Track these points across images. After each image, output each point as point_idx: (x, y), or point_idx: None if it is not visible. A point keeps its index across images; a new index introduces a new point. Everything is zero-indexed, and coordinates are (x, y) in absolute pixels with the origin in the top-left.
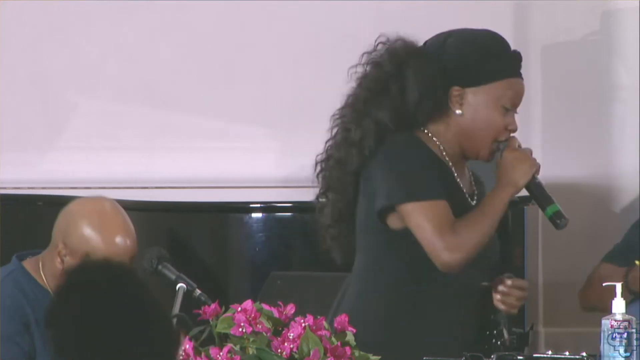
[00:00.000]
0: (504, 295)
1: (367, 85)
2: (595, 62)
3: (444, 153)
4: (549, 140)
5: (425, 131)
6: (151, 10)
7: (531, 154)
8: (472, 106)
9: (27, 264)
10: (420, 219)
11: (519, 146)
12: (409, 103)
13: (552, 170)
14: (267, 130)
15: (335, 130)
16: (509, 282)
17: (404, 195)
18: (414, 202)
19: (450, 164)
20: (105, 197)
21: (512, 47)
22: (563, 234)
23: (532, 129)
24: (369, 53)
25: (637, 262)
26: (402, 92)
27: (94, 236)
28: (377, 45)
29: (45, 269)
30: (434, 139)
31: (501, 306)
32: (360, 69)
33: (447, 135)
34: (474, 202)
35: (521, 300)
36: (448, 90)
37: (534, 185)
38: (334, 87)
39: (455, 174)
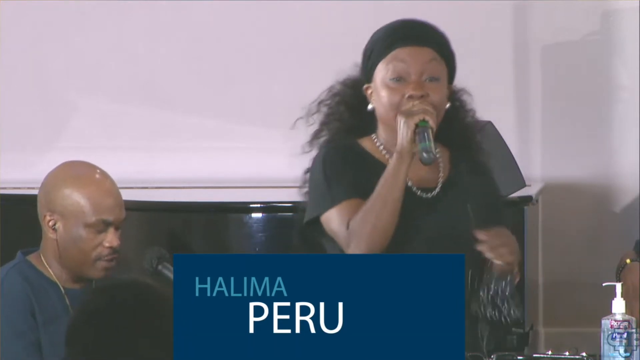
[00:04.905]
0: (490, 247)
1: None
2: (595, 62)
3: (385, 152)
4: (549, 140)
5: (371, 135)
6: (151, 10)
7: (422, 105)
8: (375, 96)
9: (31, 257)
10: (329, 226)
11: (414, 105)
12: (344, 119)
13: (552, 170)
14: (267, 130)
15: None
16: (482, 235)
17: (314, 209)
18: (322, 216)
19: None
20: (78, 160)
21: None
22: (563, 234)
23: (532, 129)
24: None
25: (628, 261)
26: (347, 109)
27: (74, 192)
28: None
29: (47, 257)
30: (376, 140)
31: (498, 261)
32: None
33: (382, 132)
34: (435, 192)
35: (509, 246)
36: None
37: (416, 135)
38: None
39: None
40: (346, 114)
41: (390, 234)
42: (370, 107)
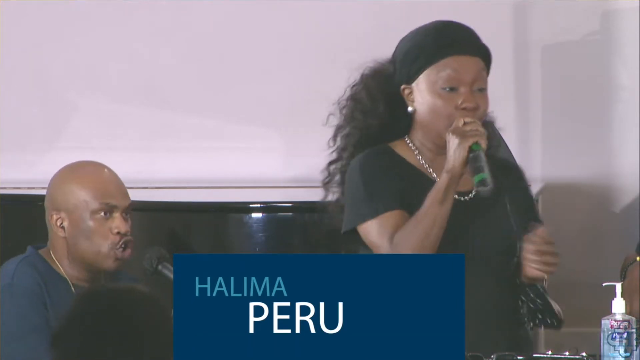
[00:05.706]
0: (536, 255)
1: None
2: (595, 62)
3: (420, 157)
4: (549, 140)
5: (405, 138)
6: (151, 11)
7: (474, 126)
8: (418, 99)
9: (41, 252)
10: (368, 237)
11: (466, 122)
12: (371, 125)
13: (552, 170)
14: (267, 130)
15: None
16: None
17: (353, 219)
18: (360, 225)
19: (427, 165)
20: (82, 160)
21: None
22: (563, 234)
23: (532, 129)
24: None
25: (638, 258)
26: (365, 116)
27: (75, 186)
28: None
29: (57, 256)
30: (410, 144)
31: (534, 272)
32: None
33: (418, 136)
34: (468, 197)
35: (554, 255)
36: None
37: (470, 160)
38: (335, 86)
39: (435, 174)
40: (371, 112)
41: (436, 250)
42: (410, 109)
